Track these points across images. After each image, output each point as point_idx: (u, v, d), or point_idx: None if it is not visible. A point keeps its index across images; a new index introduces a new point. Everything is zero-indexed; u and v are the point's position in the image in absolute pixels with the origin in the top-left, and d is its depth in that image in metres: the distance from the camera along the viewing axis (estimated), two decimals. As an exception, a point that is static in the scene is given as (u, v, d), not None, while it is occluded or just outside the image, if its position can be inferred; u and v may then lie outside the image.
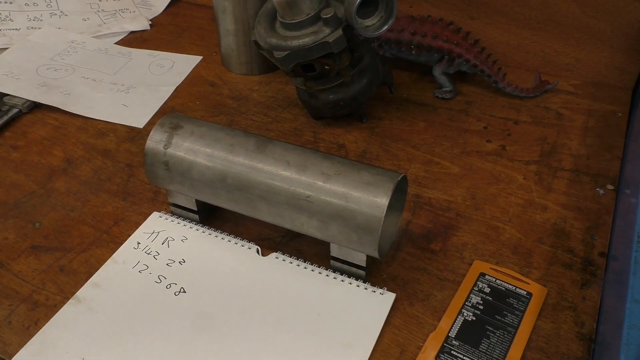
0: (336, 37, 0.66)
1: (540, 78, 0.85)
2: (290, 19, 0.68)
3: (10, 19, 1.03)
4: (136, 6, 1.12)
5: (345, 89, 0.74)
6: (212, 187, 0.58)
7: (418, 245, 0.62)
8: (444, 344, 0.52)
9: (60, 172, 0.73)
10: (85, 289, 0.58)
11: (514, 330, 0.53)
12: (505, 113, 0.81)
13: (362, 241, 0.53)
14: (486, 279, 0.58)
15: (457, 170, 0.72)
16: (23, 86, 0.87)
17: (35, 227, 0.65)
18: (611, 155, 0.73)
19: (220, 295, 0.57)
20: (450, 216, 0.65)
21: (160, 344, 0.53)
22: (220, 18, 0.87)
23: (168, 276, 0.59)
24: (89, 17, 1.07)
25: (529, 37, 0.87)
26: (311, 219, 0.54)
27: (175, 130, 0.59)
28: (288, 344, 0.52)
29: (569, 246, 0.61)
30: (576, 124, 0.79)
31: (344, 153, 0.75)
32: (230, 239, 0.62)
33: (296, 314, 0.55)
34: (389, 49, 0.85)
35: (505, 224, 0.64)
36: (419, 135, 0.78)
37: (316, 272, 0.59)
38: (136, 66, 0.95)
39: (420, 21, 0.82)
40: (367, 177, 0.53)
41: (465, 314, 0.54)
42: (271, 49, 0.69)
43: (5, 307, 0.57)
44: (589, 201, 0.67)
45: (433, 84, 0.85)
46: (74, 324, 0.54)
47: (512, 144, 0.75)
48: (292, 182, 0.54)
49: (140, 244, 0.62)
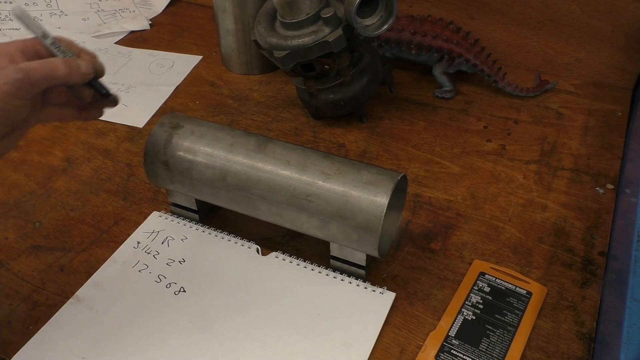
0: (336, 37, 0.66)
1: (541, 78, 0.85)
2: (290, 18, 0.68)
3: (10, 18, 1.03)
4: (136, 6, 1.12)
5: (345, 89, 0.74)
6: (212, 186, 0.58)
7: (418, 245, 0.62)
8: (444, 343, 0.52)
9: (60, 171, 0.73)
10: (85, 289, 0.58)
11: (514, 330, 0.53)
12: (506, 113, 0.81)
13: (362, 240, 0.53)
14: (486, 278, 0.58)
15: (457, 169, 0.72)
16: (23, 86, 0.87)
17: (35, 226, 0.65)
18: (611, 154, 0.73)
19: (220, 295, 0.57)
20: (450, 216, 0.65)
21: (160, 344, 0.53)
22: (220, 18, 0.87)
23: (168, 276, 0.59)
24: (89, 16, 1.07)
25: (529, 36, 0.87)
26: (311, 218, 0.54)
27: (175, 129, 0.59)
28: (288, 344, 0.52)
29: (569, 245, 0.61)
30: (576, 123, 0.79)
31: (344, 152, 0.75)
32: (230, 238, 0.62)
33: (296, 313, 0.55)
34: (389, 49, 0.85)
35: (505, 223, 0.64)
36: (419, 134, 0.78)
37: (316, 271, 0.59)
38: (136, 66, 0.95)
39: (420, 21, 0.82)
40: (367, 176, 0.53)
41: (465, 313, 0.54)
42: (271, 48, 0.69)
43: (6, 307, 0.57)
44: (589, 200, 0.67)
45: (433, 83, 0.85)
46: (74, 324, 0.54)
47: (512, 144, 0.75)
48: (292, 182, 0.54)
49: (140, 243, 0.62)
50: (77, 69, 0.50)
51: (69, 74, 0.49)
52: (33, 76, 0.47)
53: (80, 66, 0.50)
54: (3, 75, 0.45)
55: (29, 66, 0.47)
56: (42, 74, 0.47)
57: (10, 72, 0.46)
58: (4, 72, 0.45)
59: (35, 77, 0.47)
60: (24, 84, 0.46)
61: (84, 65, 0.50)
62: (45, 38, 0.50)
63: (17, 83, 0.46)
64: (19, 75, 0.46)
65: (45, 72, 0.47)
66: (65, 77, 0.49)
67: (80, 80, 0.50)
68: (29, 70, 0.46)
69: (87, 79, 0.51)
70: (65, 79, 0.49)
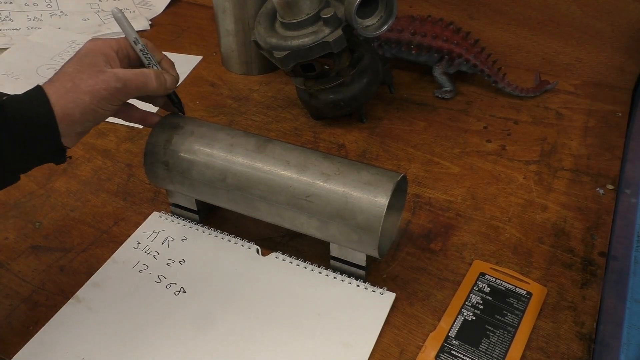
0: (336, 37, 0.66)
1: (540, 78, 0.85)
2: (290, 18, 0.68)
3: (10, 19, 1.03)
4: (136, 6, 1.12)
5: (345, 89, 0.74)
6: (212, 187, 0.58)
7: (418, 245, 0.62)
8: (444, 344, 0.52)
9: (60, 172, 0.73)
10: (85, 289, 0.58)
11: (514, 330, 0.53)
12: (505, 113, 0.81)
13: (362, 241, 0.53)
14: (486, 278, 0.58)
15: (457, 170, 0.72)
16: (23, 86, 0.86)
17: (35, 227, 0.65)
18: (611, 155, 0.73)
19: (220, 295, 0.57)
20: (450, 216, 0.65)
21: (160, 344, 0.53)
22: (220, 18, 0.87)
23: (168, 276, 0.59)
24: (89, 17, 1.07)
25: (529, 37, 0.87)
26: (311, 218, 0.54)
27: (175, 130, 0.59)
28: (288, 344, 0.52)
29: (569, 246, 0.61)
30: (576, 124, 0.79)
31: (344, 153, 0.75)
32: (230, 238, 0.62)
33: (296, 313, 0.55)
34: (389, 49, 0.85)
35: (505, 223, 0.64)
36: (419, 135, 0.78)
37: (316, 272, 0.59)
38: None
39: (420, 21, 0.82)
40: (367, 177, 0.53)
41: (465, 313, 0.54)
42: (271, 48, 0.69)
43: (6, 307, 0.57)
44: (589, 201, 0.67)
45: (433, 84, 0.85)
46: (74, 324, 0.54)
47: (512, 144, 0.75)
48: (292, 182, 0.54)
49: (140, 243, 0.62)
50: (164, 83, 0.55)
51: (157, 88, 0.54)
52: (129, 86, 0.51)
53: (167, 81, 0.55)
54: (103, 80, 0.50)
55: (125, 76, 0.51)
56: (136, 85, 0.52)
57: (110, 79, 0.50)
58: (104, 78, 0.50)
59: (130, 87, 0.51)
60: (119, 93, 0.51)
61: (170, 80, 0.56)
62: (137, 44, 0.54)
63: (114, 91, 0.50)
64: (118, 85, 0.50)
65: (139, 84, 0.52)
66: (155, 91, 0.54)
67: (164, 93, 0.56)
68: (126, 80, 0.51)
69: (169, 92, 0.57)
70: (154, 92, 0.54)
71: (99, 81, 0.49)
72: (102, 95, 0.49)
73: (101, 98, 0.49)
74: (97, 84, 0.49)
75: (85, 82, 0.49)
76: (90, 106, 0.49)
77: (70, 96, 0.48)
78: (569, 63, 0.87)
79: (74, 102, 0.48)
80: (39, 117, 0.48)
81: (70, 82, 0.49)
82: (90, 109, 0.49)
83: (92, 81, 0.49)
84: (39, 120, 0.48)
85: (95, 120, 0.51)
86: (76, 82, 0.49)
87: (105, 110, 0.51)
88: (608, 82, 0.85)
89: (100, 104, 0.50)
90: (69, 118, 0.48)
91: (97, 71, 0.50)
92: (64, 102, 0.48)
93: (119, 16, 0.54)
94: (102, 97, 0.49)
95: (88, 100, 0.49)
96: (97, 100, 0.49)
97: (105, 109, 0.51)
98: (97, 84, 0.49)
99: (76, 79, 0.49)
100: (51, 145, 0.49)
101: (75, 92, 0.49)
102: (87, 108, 0.49)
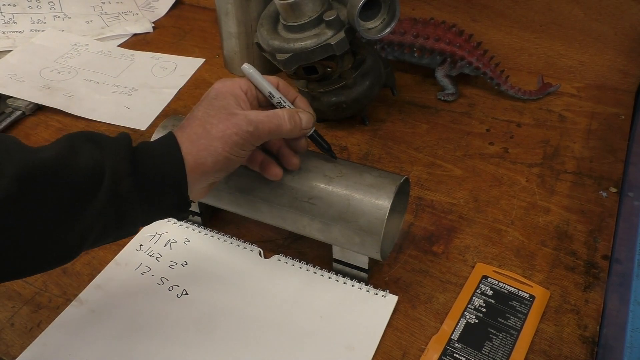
0: (338, 40, 0.66)
1: (543, 80, 0.85)
2: (293, 21, 0.68)
3: (14, 21, 1.04)
4: (139, 9, 1.12)
5: (347, 91, 0.74)
6: (214, 189, 0.58)
7: (420, 248, 0.62)
8: (446, 347, 0.52)
9: (63, 174, 0.73)
10: (87, 291, 0.58)
11: (517, 333, 0.53)
12: (508, 115, 0.81)
13: (365, 243, 0.53)
14: (489, 281, 0.57)
15: (459, 172, 0.72)
16: (26, 88, 0.87)
17: (38, 229, 0.65)
18: (614, 158, 0.73)
19: (222, 298, 0.57)
20: (452, 219, 0.65)
21: (163, 346, 0.53)
22: (223, 20, 0.87)
23: (170, 278, 0.59)
24: (92, 19, 1.08)
25: (532, 39, 0.87)
26: (313, 221, 0.54)
27: (177, 132, 0.59)
28: (290, 347, 0.52)
29: (571, 249, 0.61)
30: (579, 126, 0.78)
31: (346, 155, 0.75)
32: (232, 241, 0.62)
33: (298, 316, 0.55)
34: (391, 52, 0.85)
35: (507, 226, 0.64)
36: (421, 137, 0.77)
37: (318, 274, 0.59)
38: (139, 68, 0.95)
39: (422, 24, 0.82)
40: (369, 179, 0.53)
41: (467, 316, 0.54)
42: (274, 51, 0.69)
43: (8, 309, 0.57)
44: (592, 204, 0.66)
45: (435, 86, 0.85)
46: (77, 326, 0.54)
47: (515, 147, 0.75)
48: (294, 184, 0.54)
49: (143, 246, 0.62)
50: (299, 124, 0.51)
51: (292, 130, 0.50)
52: (261, 130, 0.47)
53: (302, 120, 0.51)
54: (234, 124, 0.46)
55: (257, 119, 0.47)
56: (269, 128, 0.48)
57: (242, 122, 0.46)
58: (235, 121, 0.46)
59: (263, 130, 0.48)
60: (252, 137, 0.47)
61: (305, 120, 0.51)
62: (272, 98, 0.52)
63: (246, 135, 0.46)
64: (250, 128, 0.46)
65: (272, 127, 0.48)
66: (288, 133, 0.50)
67: (299, 135, 0.52)
68: (258, 123, 0.47)
69: (305, 134, 0.52)
70: (288, 134, 0.50)
71: (230, 125, 0.46)
72: (234, 140, 0.46)
73: (233, 144, 0.46)
74: (228, 128, 0.46)
75: (216, 126, 0.46)
76: (223, 153, 0.46)
77: (201, 144, 0.46)
78: (571, 66, 0.86)
79: (206, 150, 0.45)
80: (170, 171, 0.45)
81: (201, 128, 0.46)
82: (222, 156, 0.46)
83: (223, 125, 0.46)
84: (170, 174, 0.45)
85: (227, 170, 0.48)
86: (207, 128, 0.46)
87: (238, 157, 0.47)
88: (611, 84, 0.85)
89: (233, 150, 0.46)
90: (201, 168, 0.46)
91: (227, 114, 0.47)
92: (195, 150, 0.45)
93: (250, 72, 0.51)
94: (234, 143, 0.46)
95: (220, 147, 0.46)
96: (229, 146, 0.46)
97: (237, 155, 0.47)
98: (229, 127, 0.46)
99: (207, 124, 0.46)
100: (177, 199, 0.46)
101: (207, 139, 0.46)
102: (219, 156, 0.46)
